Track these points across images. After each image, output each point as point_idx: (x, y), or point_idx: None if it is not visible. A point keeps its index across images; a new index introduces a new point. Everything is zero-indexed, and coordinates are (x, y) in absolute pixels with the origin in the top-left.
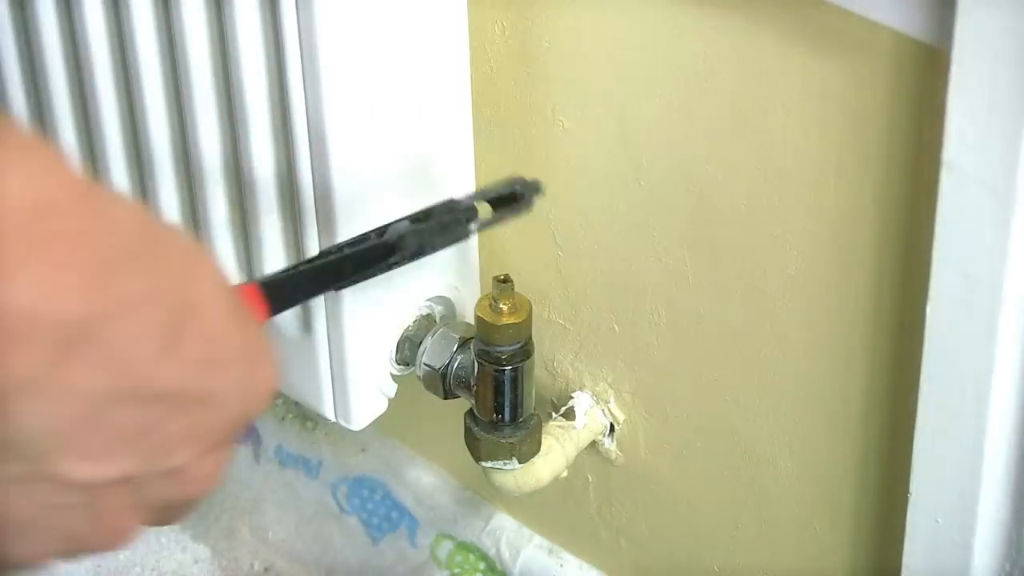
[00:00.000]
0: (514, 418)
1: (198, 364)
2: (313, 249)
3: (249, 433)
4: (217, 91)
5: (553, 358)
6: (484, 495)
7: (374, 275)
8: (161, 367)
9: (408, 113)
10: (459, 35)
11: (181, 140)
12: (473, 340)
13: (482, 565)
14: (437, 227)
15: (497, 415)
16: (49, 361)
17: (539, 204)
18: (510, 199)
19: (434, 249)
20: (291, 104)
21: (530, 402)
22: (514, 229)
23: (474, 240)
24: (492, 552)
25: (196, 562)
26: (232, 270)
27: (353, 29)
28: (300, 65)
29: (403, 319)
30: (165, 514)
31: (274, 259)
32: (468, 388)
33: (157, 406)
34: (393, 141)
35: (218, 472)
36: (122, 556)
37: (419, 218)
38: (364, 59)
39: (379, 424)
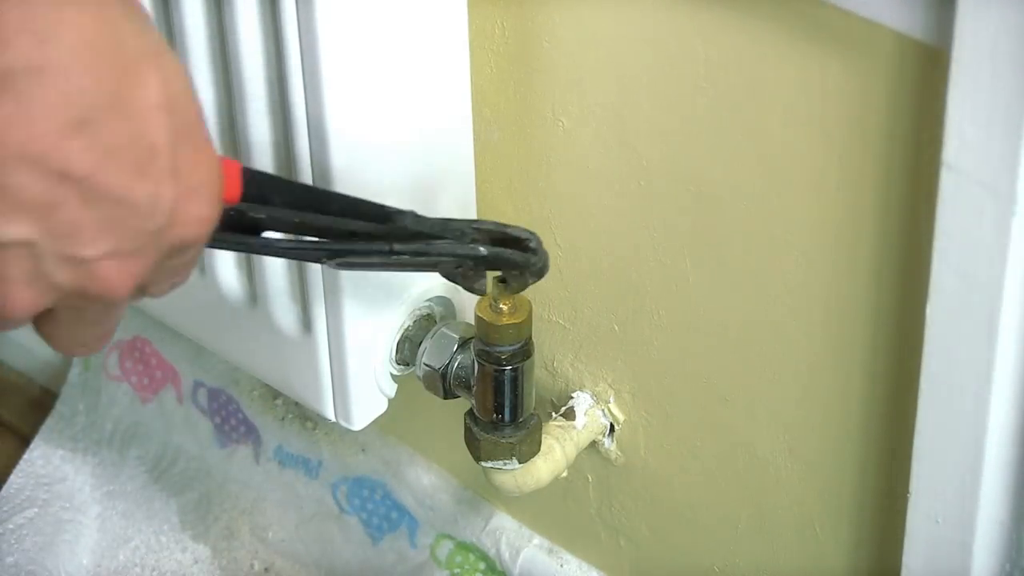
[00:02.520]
0: (514, 418)
1: (118, 161)
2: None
3: (249, 433)
4: (217, 94)
5: (553, 358)
6: (484, 495)
7: (358, 237)
8: (69, 144)
9: (408, 113)
10: (459, 35)
11: None
12: (473, 340)
13: (482, 565)
14: (443, 223)
15: (497, 415)
16: None
17: (539, 204)
18: (518, 245)
19: (427, 239)
20: (291, 104)
21: (530, 402)
22: None
23: None
24: (492, 552)
25: (196, 562)
26: (234, 269)
27: (353, 29)
28: (300, 65)
29: (403, 319)
30: (69, 305)
31: (274, 259)
32: (468, 388)
33: (63, 186)
34: (394, 142)
35: (128, 281)
36: (122, 556)
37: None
38: (364, 59)
39: (379, 424)
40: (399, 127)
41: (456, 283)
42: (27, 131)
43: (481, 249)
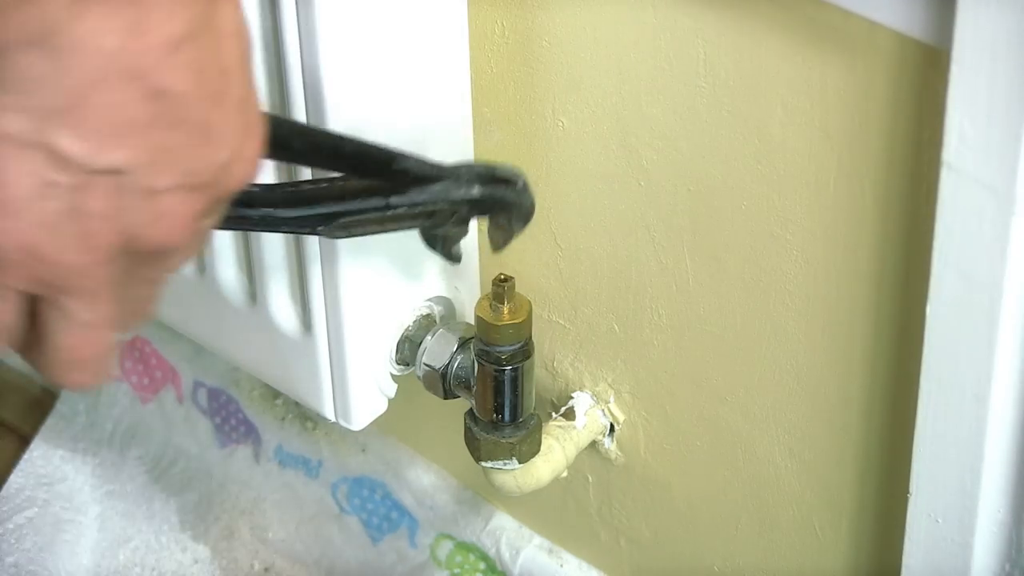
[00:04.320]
0: (514, 418)
1: (205, 83)
2: (312, 251)
3: (249, 433)
4: None
5: (553, 358)
6: (484, 495)
7: (355, 196)
8: (170, 61)
9: (408, 113)
10: (459, 35)
11: None
12: (473, 340)
13: (482, 565)
14: (439, 168)
15: (497, 415)
16: (65, 9)
17: (539, 204)
18: (505, 185)
19: (426, 183)
20: (291, 105)
21: (530, 402)
22: None
23: (474, 240)
24: (492, 552)
25: (196, 562)
26: (234, 269)
27: (353, 29)
28: (300, 65)
29: (403, 319)
30: (134, 249)
31: (274, 259)
32: (468, 388)
33: (156, 103)
34: (393, 141)
35: (187, 223)
36: (122, 556)
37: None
38: (364, 59)
39: (379, 424)
40: (399, 127)
41: (435, 249)
42: (136, 44)
43: (475, 190)
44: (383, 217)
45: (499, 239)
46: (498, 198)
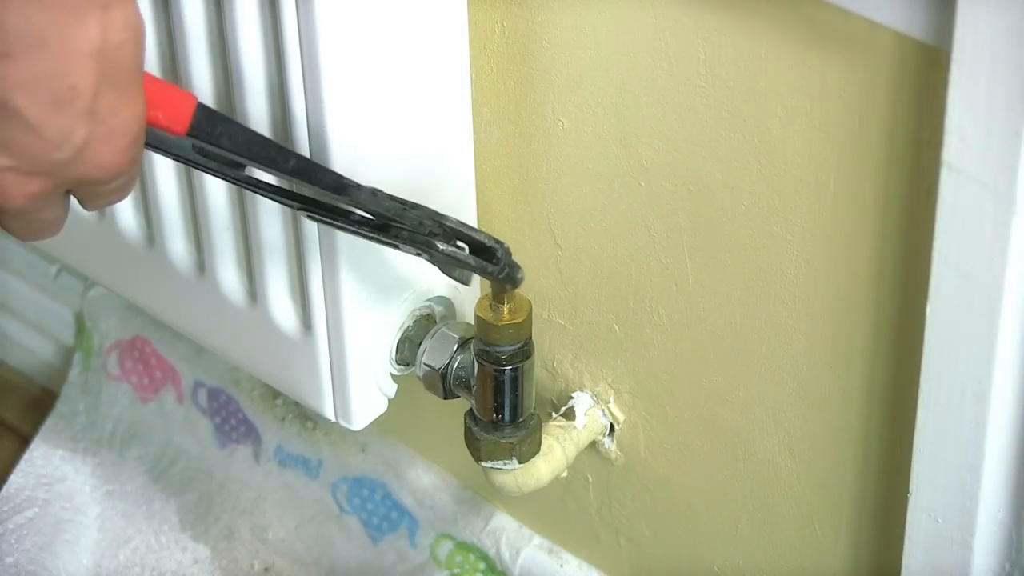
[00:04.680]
0: (514, 418)
1: (34, 92)
2: (312, 251)
3: (249, 433)
4: (217, 95)
5: (553, 358)
6: (484, 495)
7: (314, 201)
8: None
9: (408, 113)
10: (459, 35)
11: None
12: (473, 340)
13: (482, 565)
14: (401, 209)
15: (497, 415)
16: None
17: (539, 204)
18: (484, 252)
19: (385, 218)
20: (291, 105)
21: (530, 402)
22: (514, 229)
23: None
24: (492, 552)
25: (196, 562)
26: (233, 269)
27: (353, 30)
28: (300, 66)
29: (403, 319)
30: None
31: (274, 259)
32: (468, 388)
33: None
34: (393, 141)
35: (23, 197)
36: (122, 556)
37: (398, 200)
38: (364, 60)
39: (379, 424)
40: (399, 127)
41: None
42: None
43: (439, 244)
44: (347, 228)
45: (494, 288)
46: (458, 260)
